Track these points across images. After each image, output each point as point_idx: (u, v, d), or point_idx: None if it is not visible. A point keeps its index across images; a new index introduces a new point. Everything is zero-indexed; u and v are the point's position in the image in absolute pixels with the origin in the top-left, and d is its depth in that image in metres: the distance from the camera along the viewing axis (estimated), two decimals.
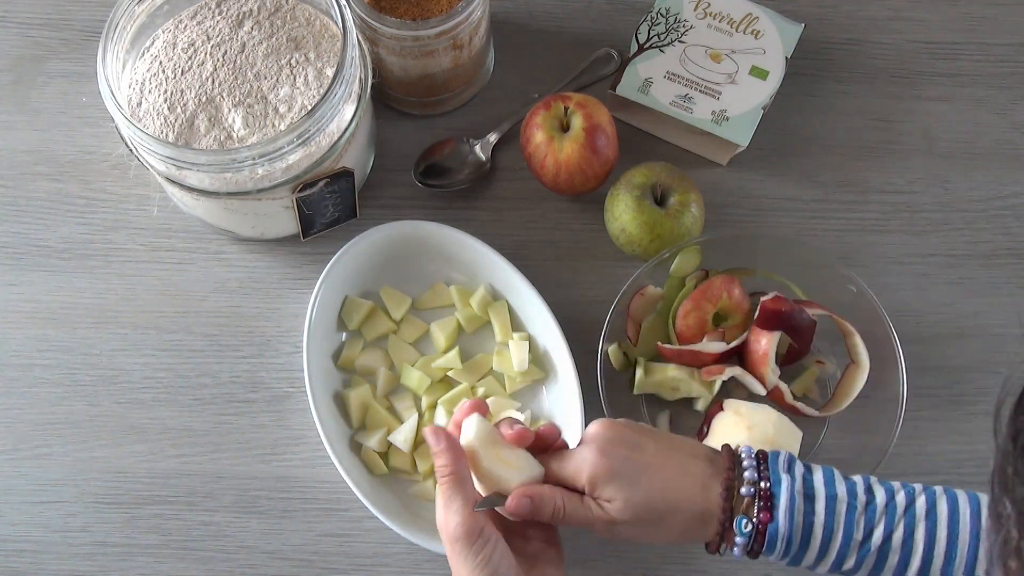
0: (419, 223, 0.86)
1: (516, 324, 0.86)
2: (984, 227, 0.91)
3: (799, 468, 0.63)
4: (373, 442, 0.81)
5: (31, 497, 0.83)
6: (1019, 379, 0.43)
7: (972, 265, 0.89)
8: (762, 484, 0.62)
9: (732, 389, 0.82)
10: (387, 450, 0.82)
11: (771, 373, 0.79)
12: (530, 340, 0.85)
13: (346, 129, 0.80)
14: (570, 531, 0.79)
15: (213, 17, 0.83)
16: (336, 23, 0.80)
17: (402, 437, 0.81)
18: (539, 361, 0.84)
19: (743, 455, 0.64)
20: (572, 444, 0.67)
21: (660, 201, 0.84)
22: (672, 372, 0.81)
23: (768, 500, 0.61)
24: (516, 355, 0.83)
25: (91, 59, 0.78)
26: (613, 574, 0.81)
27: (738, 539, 0.62)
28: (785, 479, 0.62)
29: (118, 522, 0.82)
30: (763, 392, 0.80)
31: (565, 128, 0.86)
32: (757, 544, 0.62)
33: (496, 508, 0.63)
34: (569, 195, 0.89)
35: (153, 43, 0.83)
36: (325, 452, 0.79)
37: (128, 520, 0.82)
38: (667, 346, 0.81)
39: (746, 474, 0.62)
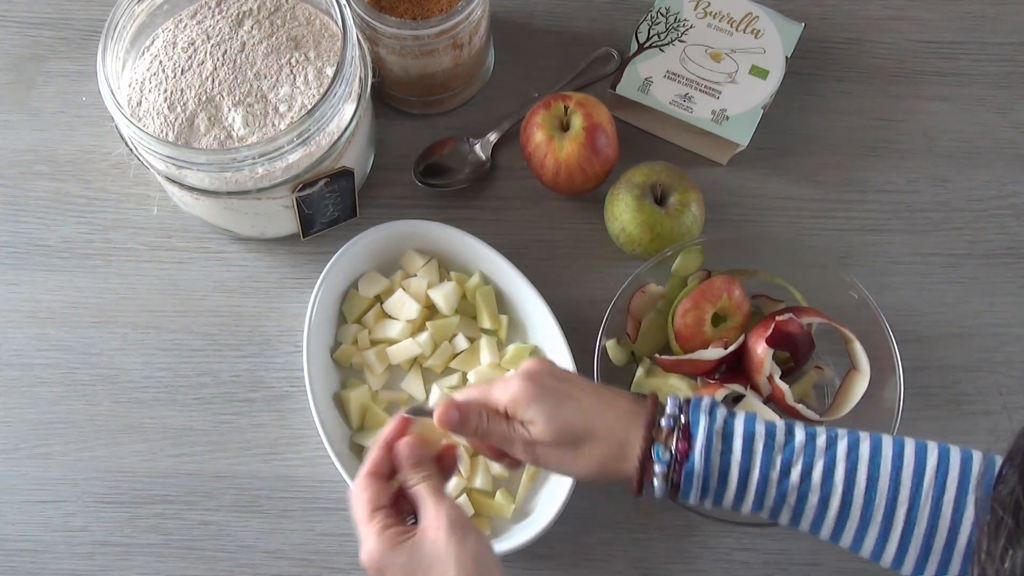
0: (419, 223, 0.86)
1: (516, 323, 0.86)
2: (984, 227, 0.91)
3: (721, 411, 0.63)
4: (372, 443, 0.81)
5: (31, 497, 0.83)
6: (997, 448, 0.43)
7: (972, 265, 0.89)
8: (682, 418, 0.63)
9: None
10: None
11: (764, 381, 0.79)
12: (530, 342, 0.85)
13: (346, 128, 0.80)
14: (569, 532, 0.79)
15: (213, 16, 0.83)
16: (336, 22, 0.80)
17: None
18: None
19: (668, 398, 0.64)
20: None
21: (660, 200, 0.84)
22: (673, 380, 0.81)
23: (686, 432, 0.62)
24: (485, 354, 0.84)
25: (91, 59, 0.78)
26: (613, 574, 0.81)
27: (657, 467, 0.62)
28: (704, 419, 0.62)
29: (118, 522, 0.82)
30: (760, 401, 0.80)
31: (565, 127, 0.86)
32: (675, 474, 0.62)
33: (423, 417, 0.65)
34: (569, 195, 0.89)
35: (153, 42, 0.83)
36: (325, 452, 0.79)
37: (128, 520, 0.82)
38: (665, 357, 0.81)
39: (668, 409, 0.63)
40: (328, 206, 0.85)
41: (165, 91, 0.81)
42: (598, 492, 0.81)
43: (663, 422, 0.63)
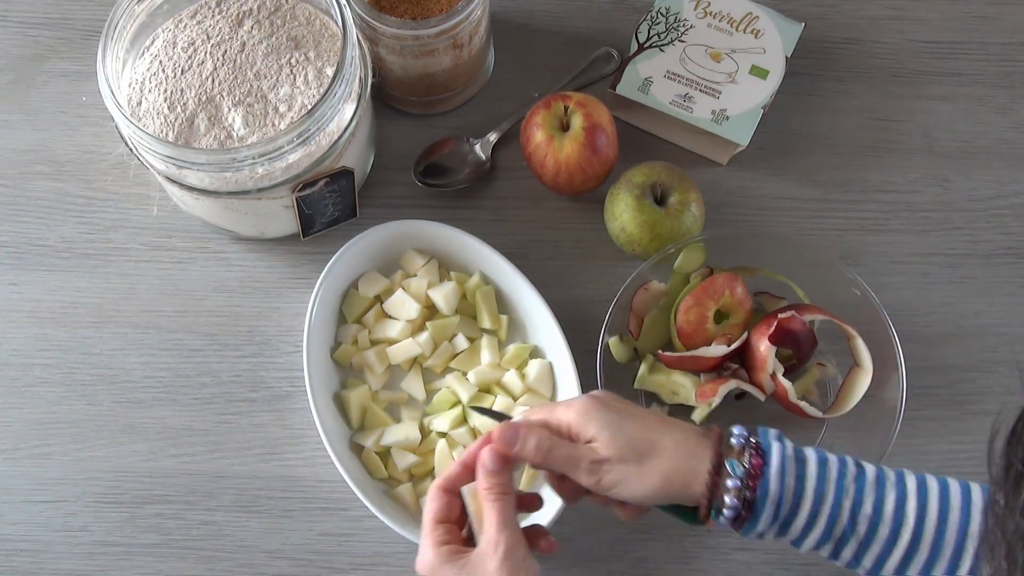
0: (419, 223, 0.86)
1: (516, 323, 0.86)
2: (984, 227, 0.91)
3: (788, 440, 0.63)
4: (372, 444, 0.81)
5: (31, 497, 0.83)
6: (1012, 411, 0.43)
7: (972, 265, 0.89)
8: (752, 439, 0.62)
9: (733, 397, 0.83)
10: (386, 451, 0.82)
11: (767, 379, 0.79)
12: (530, 347, 0.85)
13: (346, 128, 0.80)
14: (569, 532, 0.79)
15: (213, 16, 0.83)
16: (336, 22, 0.80)
17: (399, 438, 0.81)
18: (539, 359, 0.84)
19: (734, 428, 0.63)
20: None
21: (660, 200, 0.84)
22: (676, 376, 0.81)
23: (759, 451, 0.61)
24: (486, 354, 0.84)
25: (91, 58, 0.78)
26: (613, 574, 0.81)
27: (730, 482, 0.60)
28: (775, 443, 0.62)
29: (118, 522, 0.82)
30: (762, 398, 0.80)
31: (565, 127, 0.86)
32: (750, 490, 0.60)
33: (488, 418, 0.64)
34: (569, 195, 0.89)
35: (153, 42, 0.83)
36: (325, 452, 0.79)
37: (128, 520, 0.82)
38: (668, 354, 0.81)
39: (735, 429, 0.63)
40: (328, 206, 0.85)
41: (165, 91, 0.81)
42: None
43: (733, 440, 0.62)
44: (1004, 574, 0.40)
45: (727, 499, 0.61)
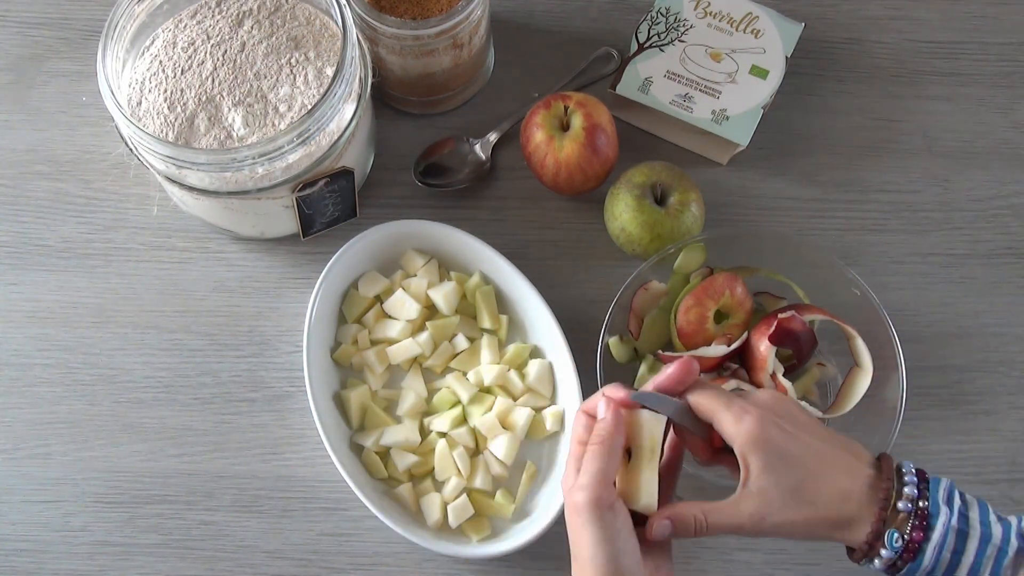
0: (419, 222, 0.86)
1: (516, 323, 0.86)
2: (984, 227, 0.91)
3: (957, 500, 0.61)
4: (372, 444, 0.81)
5: (31, 497, 0.83)
6: None
7: (972, 265, 0.89)
8: (920, 503, 0.60)
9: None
10: (386, 451, 0.82)
11: (767, 379, 0.79)
12: (529, 346, 0.85)
13: (346, 128, 0.80)
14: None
15: (213, 16, 0.83)
16: (336, 22, 0.80)
17: (399, 438, 0.81)
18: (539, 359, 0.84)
19: (904, 470, 0.62)
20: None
21: (660, 200, 0.84)
22: None
23: (924, 519, 0.59)
24: (486, 353, 0.84)
25: (91, 58, 0.79)
26: None
27: (884, 552, 0.59)
28: (944, 511, 0.60)
29: (118, 522, 0.82)
30: None
31: (565, 127, 0.86)
32: (902, 562, 0.59)
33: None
34: (569, 195, 0.89)
35: (153, 42, 0.83)
36: (325, 452, 0.79)
37: (128, 520, 0.82)
38: (667, 353, 0.81)
39: (906, 490, 0.60)
40: (328, 206, 0.85)
41: (165, 91, 0.81)
42: None
43: (900, 505, 0.60)
44: None
45: (877, 563, 0.60)
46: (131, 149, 0.80)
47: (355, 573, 0.81)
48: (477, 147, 0.92)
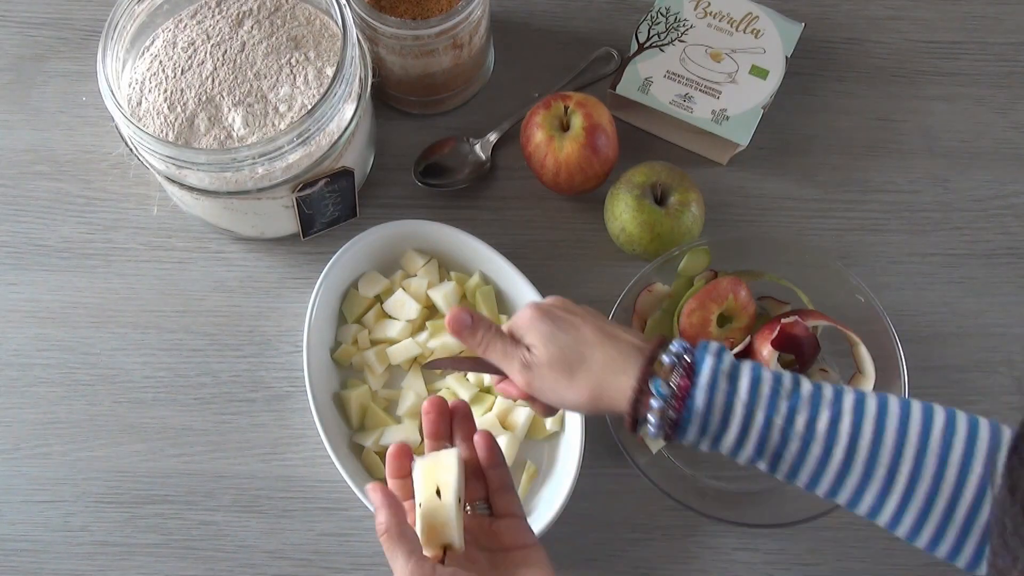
0: (419, 223, 0.86)
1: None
2: (984, 227, 0.91)
3: (728, 355, 0.62)
4: (372, 444, 0.81)
5: (31, 496, 0.83)
6: (1012, 429, 0.42)
7: (972, 265, 0.89)
8: (685, 357, 0.61)
9: None
10: (386, 451, 0.82)
11: None
12: None
13: (346, 128, 0.80)
14: (569, 532, 0.79)
15: (213, 16, 0.83)
16: (336, 22, 0.80)
17: (399, 438, 0.81)
18: None
19: (675, 340, 0.63)
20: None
21: (660, 200, 0.84)
22: None
23: (689, 370, 0.60)
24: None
25: (91, 58, 0.78)
26: (613, 574, 0.81)
27: (653, 402, 0.60)
28: (710, 359, 0.61)
29: (118, 522, 0.82)
30: None
31: (565, 127, 0.86)
32: (674, 412, 0.60)
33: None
34: (569, 195, 0.89)
35: (153, 42, 0.83)
36: (325, 452, 0.79)
37: (128, 520, 0.82)
38: None
39: (672, 346, 0.62)
40: (328, 206, 0.85)
41: (165, 91, 0.81)
42: (598, 492, 0.81)
43: (665, 358, 0.61)
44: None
45: (651, 417, 0.61)
46: (131, 149, 0.80)
47: (355, 573, 0.81)
48: (477, 147, 0.92)
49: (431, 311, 0.86)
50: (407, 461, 0.66)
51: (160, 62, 0.82)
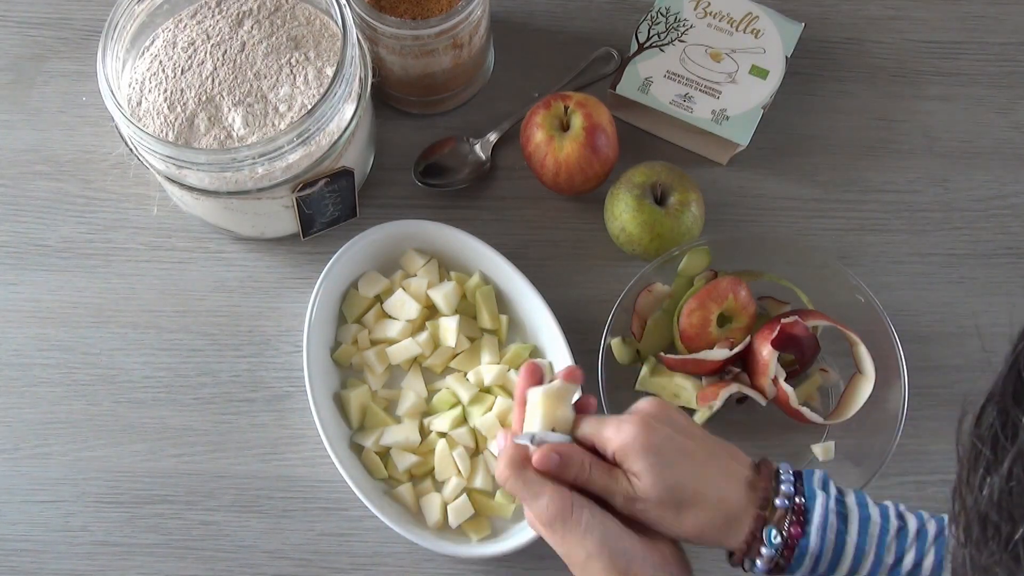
0: (419, 222, 0.86)
1: (516, 323, 0.86)
2: (984, 227, 0.91)
3: (833, 488, 0.62)
4: (372, 444, 0.81)
5: (31, 496, 0.83)
6: (977, 396, 0.43)
7: (972, 265, 0.89)
8: (797, 499, 0.61)
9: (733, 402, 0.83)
10: (386, 452, 0.82)
11: (770, 384, 0.79)
12: (531, 344, 0.85)
13: (346, 128, 0.80)
14: None
15: (213, 16, 0.83)
16: (336, 22, 0.80)
17: (399, 438, 0.81)
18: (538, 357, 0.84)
19: (781, 470, 0.63)
20: None
21: (660, 200, 0.84)
22: (678, 379, 0.81)
23: (801, 515, 0.60)
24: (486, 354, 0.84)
25: (91, 58, 0.78)
26: None
27: (764, 550, 0.60)
28: (820, 496, 0.61)
29: (118, 522, 0.82)
30: (763, 403, 0.80)
31: (565, 127, 0.86)
32: (784, 560, 0.60)
33: (528, 445, 0.63)
34: (569, 195, 0.89)
35: (153, 42, 0.83)
36: (325, 452, 0.79)
37: (128, 520, 0.82)
38: (670, 356, 0.81)
39: (782, 487, 0.61)
40: (328, 206, 0.85)
41: (165, 91, 0.81)
42: None
43: (778, 502, 0.61)
44: (960, 546, 0.41)
45: (759, 563, 0.61)
46: (131, 149, 0.80)
47: (355, 573, 0.81)
48: (477, 147, 0.92)
49: (431, 311, 0.86)
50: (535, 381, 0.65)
51: (160, 62, 0.82)
